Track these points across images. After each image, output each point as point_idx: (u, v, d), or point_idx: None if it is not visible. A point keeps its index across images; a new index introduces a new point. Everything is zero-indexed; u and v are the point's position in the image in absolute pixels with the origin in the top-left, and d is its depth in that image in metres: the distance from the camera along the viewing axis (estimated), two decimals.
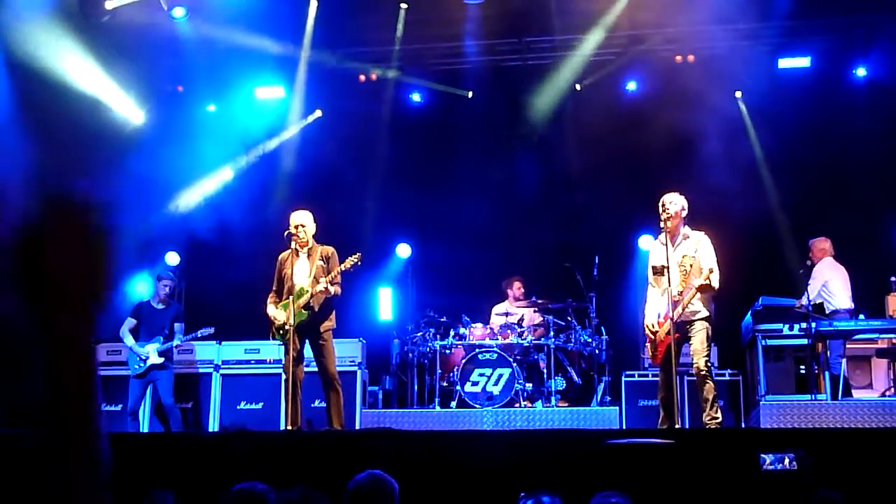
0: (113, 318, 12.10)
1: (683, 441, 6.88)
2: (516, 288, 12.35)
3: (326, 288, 9.08)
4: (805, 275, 10.92)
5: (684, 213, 8.73)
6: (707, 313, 8.56)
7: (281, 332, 9.18)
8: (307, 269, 9.25)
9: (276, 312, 9.24)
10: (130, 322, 11.29)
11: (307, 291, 9.11)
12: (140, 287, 12.86)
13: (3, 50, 11.55)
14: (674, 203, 8.66)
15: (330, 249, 9.38)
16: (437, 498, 5.47)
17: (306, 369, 9.29)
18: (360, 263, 9.27)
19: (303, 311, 9.09)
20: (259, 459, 6.54)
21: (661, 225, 8.61)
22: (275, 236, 9.54)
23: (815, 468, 4.36)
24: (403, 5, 12.73)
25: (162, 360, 11.04)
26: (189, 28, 12.93)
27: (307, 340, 9.21)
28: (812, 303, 10.70)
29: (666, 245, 8.57)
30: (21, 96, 10.93)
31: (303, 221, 9.28)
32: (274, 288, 9.41)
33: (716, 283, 8.41)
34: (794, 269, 10.96)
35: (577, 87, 13.52)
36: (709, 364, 8.55)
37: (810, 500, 3.87)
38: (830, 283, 11.00)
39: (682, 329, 8.48)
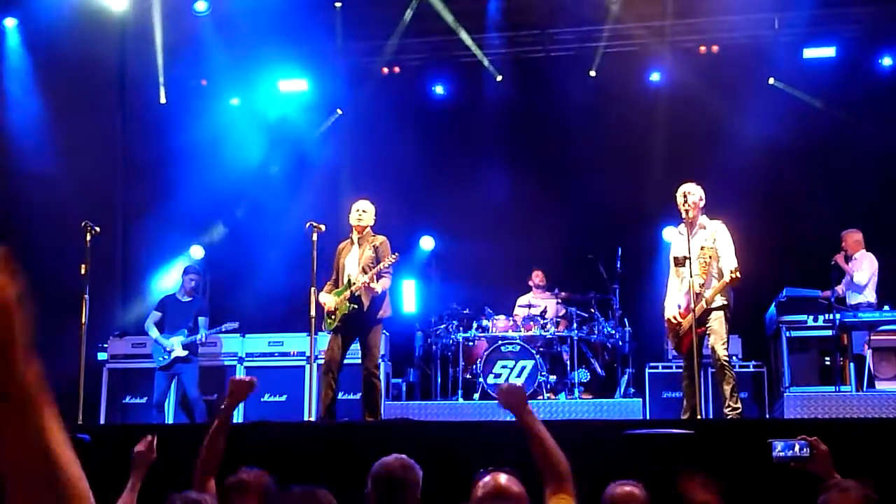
0: (139, 311, 12.21)
1: (704, 431, 6.86)
2: (535, 277, 12.35)
3: (368, 284, 9.06)
4: (836, 266, 10.82)
5: (702, 203, 8.69)
6: (725, 301, 8.50)
7: (329, 320, 9.22)
8: (357, 259, 9.27)
9: (325, 297, 9.25)
10: (155, 315, 11.36)
11: (353, 283, 9.13)
12: (168, 279, 12.99)
13: None
14: (693, 193, 8.62)
15: (380, 239, 9.36)
16: (458, 488, 5.47)
17: (345, 362, 9.29)
18: (395, 261, 9.30)
19: (348, 303, 9.10)
20: (279, 450, 6.57)
21: (683, 215, 8.56)
22: (297, 228, 9.57)
23: (835, 458, 4.32)
24: None
25: (186, 352, 11.09)
26: (212, 22, 13.00)
27: (354, 331, 9.21)
28: (865, 285, 10.68)
29: (687, 235, 8.52)
30: None
31: (364, 208, 9.39)
32: (333, 277, 9.43)
33: (738, 274, 8.32)
34: (819, 261, 10.87)
35: (592, 73, 13.41)
36: (728, 354, 8.49)
37: (825, 487, 3.86)
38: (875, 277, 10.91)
39: (701, 319, 8.43)
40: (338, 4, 12.84)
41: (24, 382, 1.36)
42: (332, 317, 9.15)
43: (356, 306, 9.08)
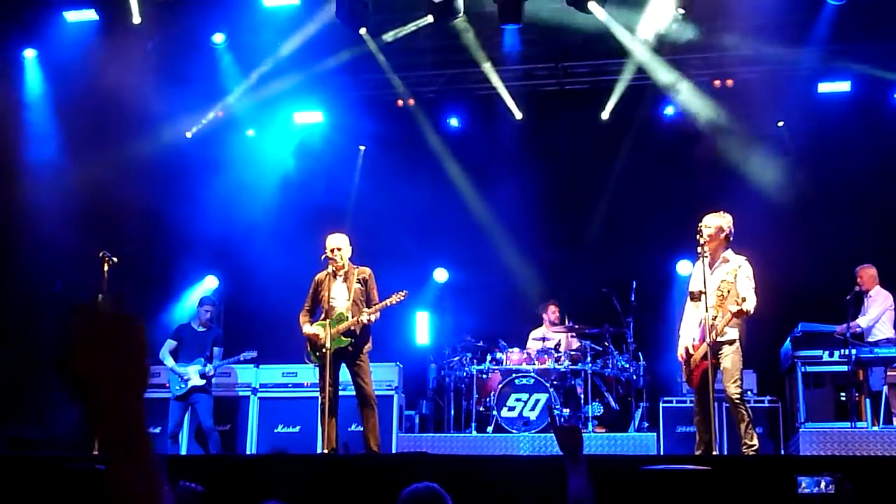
0: (156, 341, 12.23)
1: (720, 467, 6.82)
2: (551, 312, 12.34)
3: (369, 318, 9.13)
4: (852, 302, 10.76)
5: (723, 236, 8.55)
6: (736, 336, 8.42)
7: (318, 353, 9.19)
8: (345, 293, 9.28)
9: (317, 329, 9.26)
10: (171, 344, 11.39)
11: (346, 318, 9.14)
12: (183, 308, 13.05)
13: None
14: (710, 226, 8.53)
15: (367, 271, 9.41)
16: None
17: (342, 393, 9.32)
18: (404, 300, 9.30)
19: (343, 337, 9.12)
20: (295, 482, 6.57)
21: (699, 249, 8.48)
22: (312, 260, 9.59)
23: (855, 494, 4.31)
24: (429, 18, 12.63)
25: (203, 381, 11.11)
26: (229, 53, 13.11)
27: (343, 363, 9.24)
28: (871, 326, 10.66)
29: (703, 268, 8.43)
30: None
31: (339, 245, 9.32)
32: (307, 307, 9.44)
33: (749, 309, 8.23)
34: (834, 296, 10.84)
35: (605, 116, 13.49)
36: (741, 390, 8.40)
37: None
38: (887, 312, 10.88)
39: (713, 353, 8.35)
40: (363, 31, 12.80)
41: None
42: (323, 350, 9.11)
43: (353, 339, 9.12)
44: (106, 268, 9.29)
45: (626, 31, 12.54)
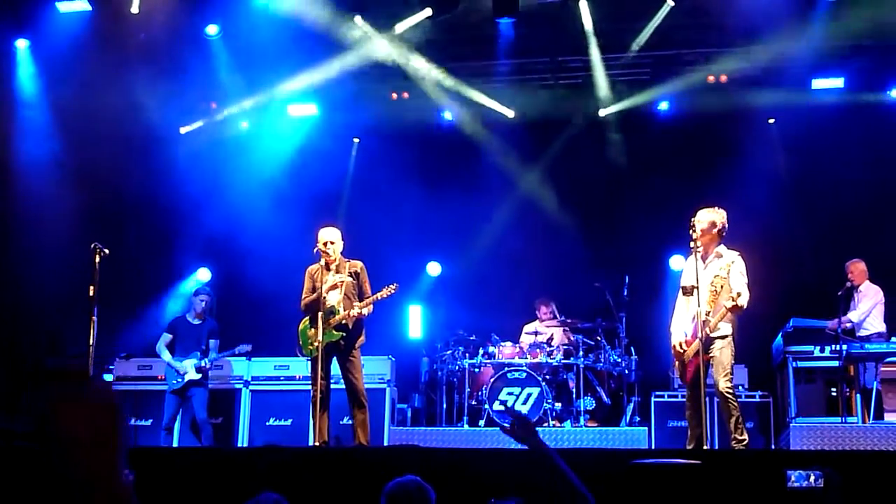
0: (148, 333, 12.21)
1: (710, 462, 6.82)
2: (543, 313, 12.34)
3: (360, 312, 9.12)
4: (844, 297, 10.77)
5: (716, 231, 8.52)
6: (729, 331, 8.42)
7: (311, 347, 9.17)
8: (338, 287, 9.26)
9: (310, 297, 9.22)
10: (166, 337, 11.34)
11: (338, 311, 9.11)
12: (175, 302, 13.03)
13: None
14: (702, 221, 8.51)
15: (358, 264, 9.39)
16: None
17: (334, 387, 9.31)
18: (394, 293, 9.28)
19: (335, 331, 9.10)
20: (286, 474, 6.57)
21: (691, 243, 8.47)
22: (304, 253, 9.57)
23: (844, 489, 4.32)
24: (427, 11, 12.59)
25: (199, 375, 11.08)
26: (222, 45, 13.06)
27: (336, 357, 9.22)
28: (862, 321, 10.69)
29: (695, 263, 8.42)
30: None
31: (331, 238, 9.28)
32: (305, 296, 9.42)
33: (744, 304, 8.22)
34: (824, 291, 10.86)
35: (601, 113, 13.50)
36: (731, 385, 8.40)
37: None
38: (878, 306, 10.89)
39: (705, 348, 8.33)
40: (357, 19, 12.73)
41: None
42: (314, 344, 9.09)
43: (344, 334, 9.10)
44: (97, 259, 9.26)
45: (594, 38, 12.66)
